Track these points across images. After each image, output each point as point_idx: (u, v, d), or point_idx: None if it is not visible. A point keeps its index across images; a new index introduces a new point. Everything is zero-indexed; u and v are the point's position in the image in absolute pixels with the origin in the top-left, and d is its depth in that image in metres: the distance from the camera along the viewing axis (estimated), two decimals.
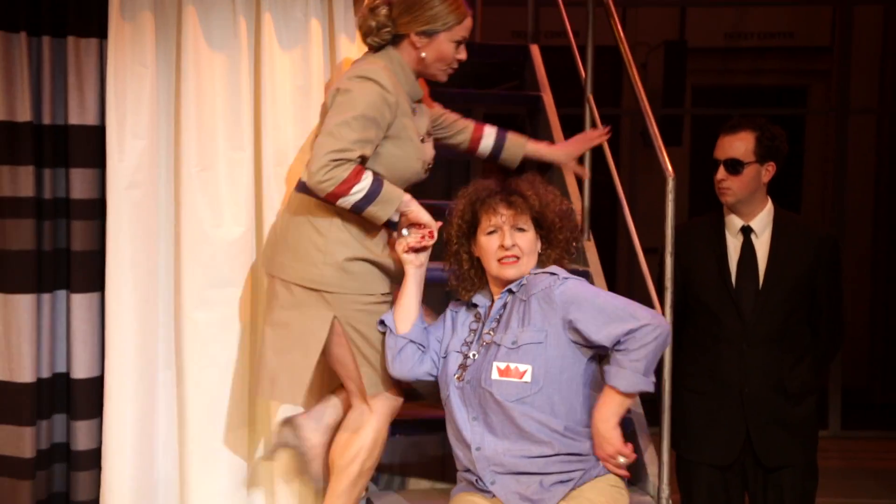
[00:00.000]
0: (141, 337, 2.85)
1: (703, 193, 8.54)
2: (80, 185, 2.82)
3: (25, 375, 2.80)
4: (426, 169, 2.71)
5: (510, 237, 2.49)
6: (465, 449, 2.49)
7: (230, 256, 2.86)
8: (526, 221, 2.52)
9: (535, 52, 4.03)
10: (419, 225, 2.56)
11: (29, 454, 2.80)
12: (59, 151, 2.82)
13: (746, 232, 3.04)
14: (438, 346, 2.60)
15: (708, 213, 3.16)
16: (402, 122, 2.60)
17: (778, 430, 2.99)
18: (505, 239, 2.48)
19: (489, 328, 2.52)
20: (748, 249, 3.03)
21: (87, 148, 2.81)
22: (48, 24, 2.78)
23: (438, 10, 2.59)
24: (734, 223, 3.05)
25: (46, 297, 2.85)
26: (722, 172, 2.99)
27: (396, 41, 2.64)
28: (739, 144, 2.96)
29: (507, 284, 2.53)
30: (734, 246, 3.05)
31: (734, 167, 2.97)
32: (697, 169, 8.64)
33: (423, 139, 2.69)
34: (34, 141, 2.78)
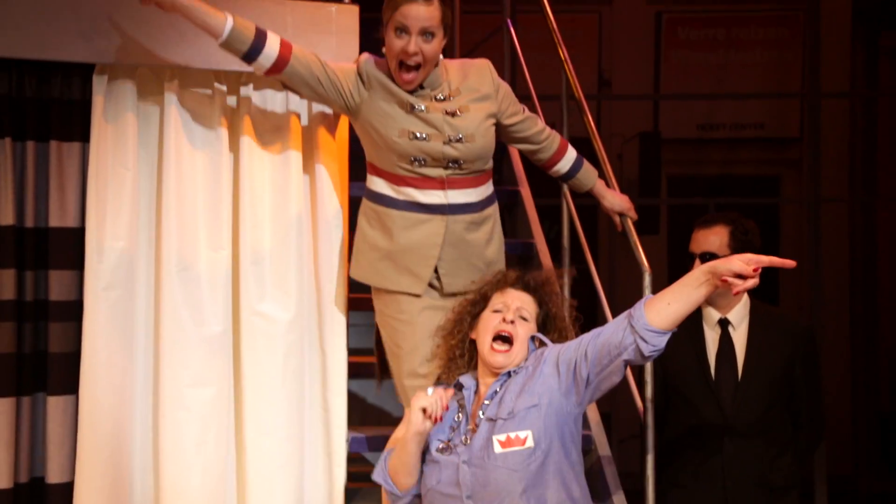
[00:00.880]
0: (115, 440, 2.80)
1: None
2: (58, 286, 2.82)
3: (2, 481, 2.75)
4: (414, 138, 2.70)
5: (513, 314, 2.52)
6: None
7: (209, 355, 2.86)
8: (531, 312, 2.57)
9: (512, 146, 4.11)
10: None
11: None
12: (40, 254, 2.83)
13: (724, 324, 3.07)
14: None
15: None
16: (374, 98, 2.71)
17: None
18: (508, 313, 2.52)
19: (482, 409, 2.48)
20: (726, 342, 3.06)
21: (66, 250, 2.83)
22: (32, 129, 2.82)
23: (385, 3, 2.69)
24: (711, 315, 3.09)
25: (26, 399, 2.82)
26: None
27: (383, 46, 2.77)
28: (714, 238, 3.01)
29: (495, 372, 2.52)
30: (712, 338, 3.08)
31: (710, 261, 3.01)
32: (675, 257, 8.72)
33: (414, 108, 2.71)
34: (16, 244, 2.79)
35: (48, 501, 2.82)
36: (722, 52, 8.85)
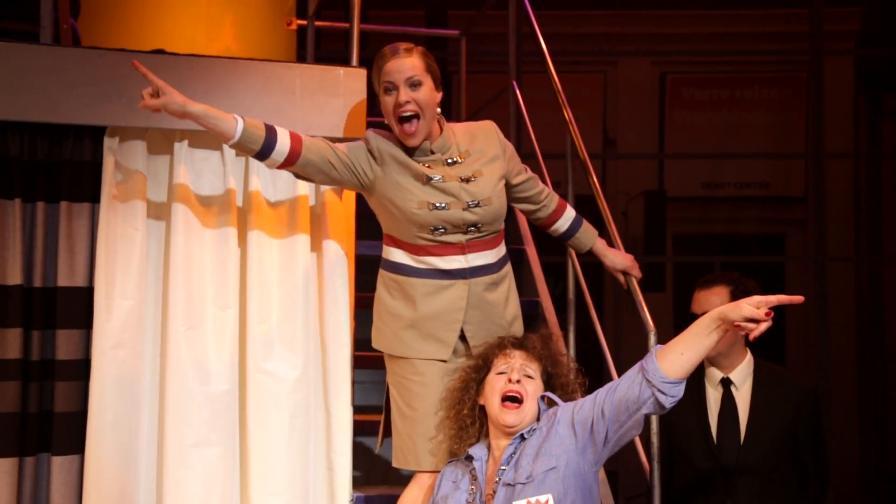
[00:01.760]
0: (120, 500, 2.79)
1: None
2: (65, 345, 2.83)
3: None
4: (434, 208, 2.71)
5: (518, 373, 2.54)
6: None
7: (214, 414, 2.86)
8: (535, 370, 2.58)
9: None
10: None
11: None
12: (47, 313, 2.85)
13: (726, 384, 3.06)
14: None
15: None
16: (388, 172, 2.73)
17: None
18: (514, 373, 2.53)
19: (498, 474, 2.47)
20: (728, 402, 3.05)
21: (74, 309, 2.84)
22: (42, 190, 2.85)
23: (373, 76, 2.77)
24: (714, 375, 3.08)
25: (29, 460, 2.81)
26: None
27: None
28: (715, 299, 3.01)
29: (507, 432, 2.51)
30: (714, 399, 3.07)
31: None
32: (681, 315, 8.71)
33: (444, 179, 2.73)
34: (23, 304, 2.81)
35: None
36: (726, 111, 8.94)
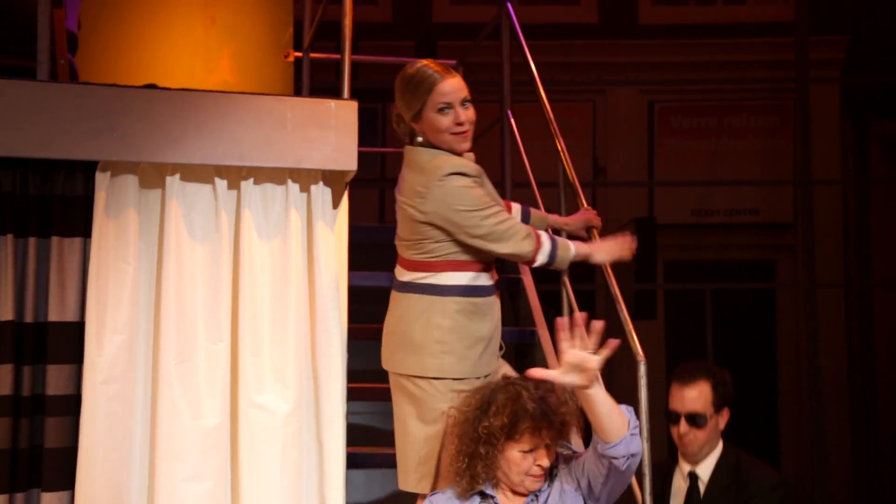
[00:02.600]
0: None
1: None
2: (56, 381, 2.81)
3: None
4: None
5: (547, 458, 2.52)
6: None
7: (206, 448, 2.84)
8: (553, 437, 2.55)
9: None
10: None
11: None
12: (38, 349, 2.83)
13: (693, 478, 3.05)
14: None
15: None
16: (488, 184, 2.87)
17: None
18: (542, 459, 2.51)
19: None
20: (693, 496, 3.03)
21: (65, 344, 2.83)
22: (34, 225, 2.85)
23: (406, 94, 2.82)
24: (683, 468, 3.08)
25: (20, 496, 2.78)
26: (685, 426, 3.02)
27: (414, 132, 2.86)
28: (698, 398, 3.01)
29: (521, 493, 2.54)
30: (681, 491, 3.06)
31: (696, 421, 3.01)
32: (672, 342, 8.71)
33: None
34: (15, 339, 2.79)
35: None
36: (714, 139, 8.99)
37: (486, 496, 2.57)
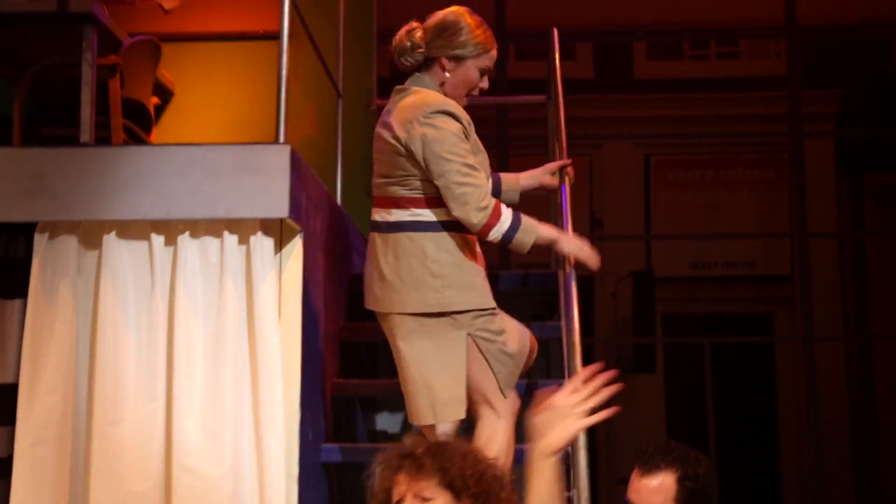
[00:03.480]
0: None
1: (678, 421, 8.50)
2: None
3: None
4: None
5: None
6: None
7: None
8: (432, 489, 1.97)
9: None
10: None
11: None
12: None
13: None
14: None
15: None
16: (473, 136, 2.86)
17: None
18: None
19: None
20: None
21: (4, 406, 2.79)
22: None
23: (468, 37, 2.86)
24: None
25: None
26: None
27: (427, 63, 2.88)
28: (656, 491, 2.42)
29: None
30: None
31: None
32: (672, 395, 8.66)
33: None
34: None
35: None
36: (710, 192, 9.03)
37: None
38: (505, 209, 2.78)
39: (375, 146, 2.88)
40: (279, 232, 2.94)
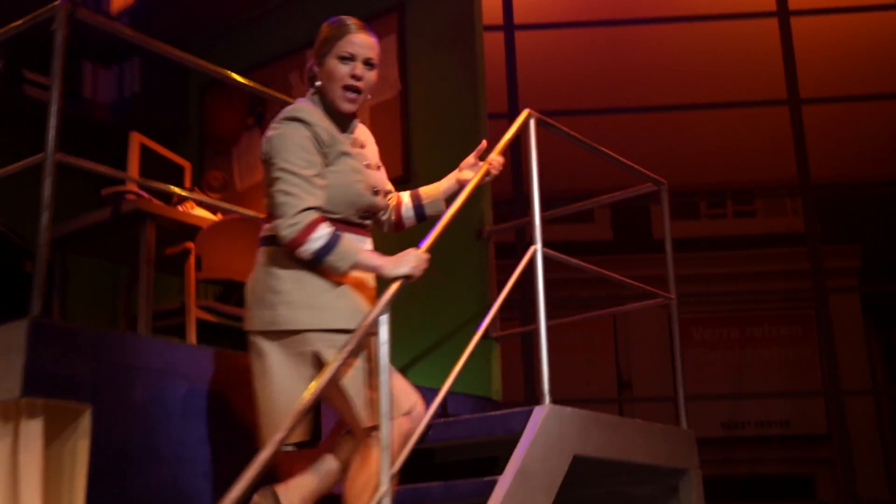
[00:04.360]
0: None
1: None
2: None
3: None
4: (375, 193, 2.77)
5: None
6: None
7: None
8: None
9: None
10: None
11: None
12: None
13: None
14: None
15: None
16: (336, 149, 2.68)
17: None
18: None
19: None
20: None
21: None
22: None
23: (322, 37, 2.77)
24: None
25: None
26: None
27: (317, 79, 2.79)
28: None
29: None
30: None
31: None
32: None
33: (369, 166, 2.79)
34: None
35: None
36: (738, 350, 8.92)
37: None
38: (324, 231, 2.56)
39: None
40: (49, 412, 2.66)
